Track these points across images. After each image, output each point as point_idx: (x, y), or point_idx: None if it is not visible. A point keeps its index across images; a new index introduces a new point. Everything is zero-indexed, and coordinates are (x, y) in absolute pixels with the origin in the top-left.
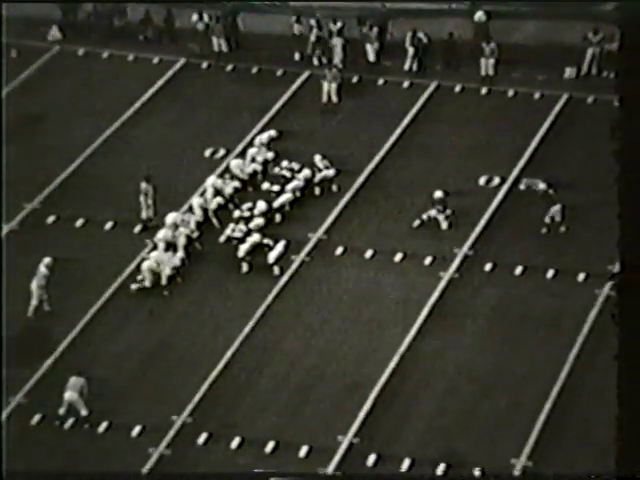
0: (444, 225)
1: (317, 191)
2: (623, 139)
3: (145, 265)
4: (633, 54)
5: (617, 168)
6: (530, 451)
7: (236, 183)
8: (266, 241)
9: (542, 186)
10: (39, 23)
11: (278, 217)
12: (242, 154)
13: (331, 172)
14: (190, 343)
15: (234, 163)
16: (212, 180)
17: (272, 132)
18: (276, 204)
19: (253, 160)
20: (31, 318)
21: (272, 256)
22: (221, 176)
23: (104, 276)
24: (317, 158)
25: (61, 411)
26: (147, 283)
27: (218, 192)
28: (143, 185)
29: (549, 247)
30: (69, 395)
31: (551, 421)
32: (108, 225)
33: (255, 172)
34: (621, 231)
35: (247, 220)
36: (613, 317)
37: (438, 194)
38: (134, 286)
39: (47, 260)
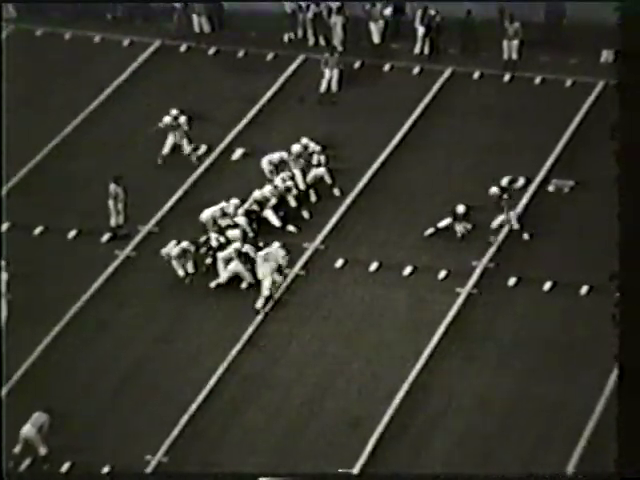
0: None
1: (312, 197)
2: (623, 139)
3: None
4: (633, 54)
5: (617, 168)
6: None
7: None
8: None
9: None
10: None
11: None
12: (227, 152)
13: (321, 170)
14: (167, 370)
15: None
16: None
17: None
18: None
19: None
20: None
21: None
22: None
23: (67, 293)
24: (304, 141)
25: (16, 449)
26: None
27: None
28: (112, 187)
29: (583, 260)
30: (26, 430)
31: (585, 459)
32: (71, 234)
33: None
34: (621, 231)
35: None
36: (613, 317)
37: (461, 209)
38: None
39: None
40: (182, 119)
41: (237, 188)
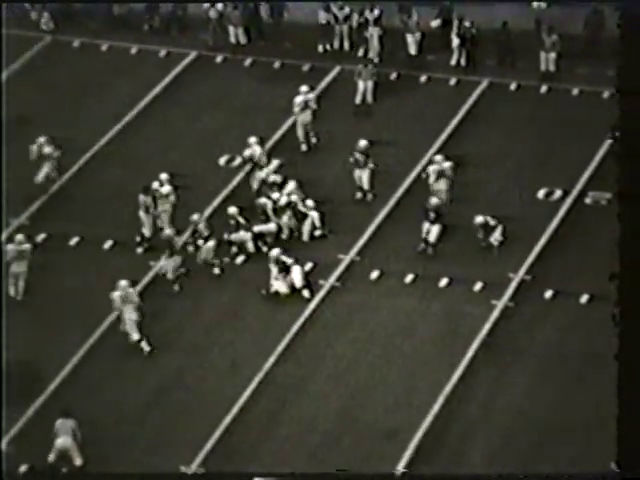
0: (496, 244)
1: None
2: (623, 139)
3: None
4: (633, 53)
5: (617, 168)
6: None
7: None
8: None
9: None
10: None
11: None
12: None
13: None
14: (201, 381)
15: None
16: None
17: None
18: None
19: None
20: (18, 352)
21: (298, 278)
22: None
23: (102, 303)
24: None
25: (51, 458)
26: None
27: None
28: (141, 198)
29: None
30: (62, 441)
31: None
32: (107, 244)
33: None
34: (621, 231)
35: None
36: (613, 317)
37: (479, 219)
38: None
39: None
40: (49, 149)
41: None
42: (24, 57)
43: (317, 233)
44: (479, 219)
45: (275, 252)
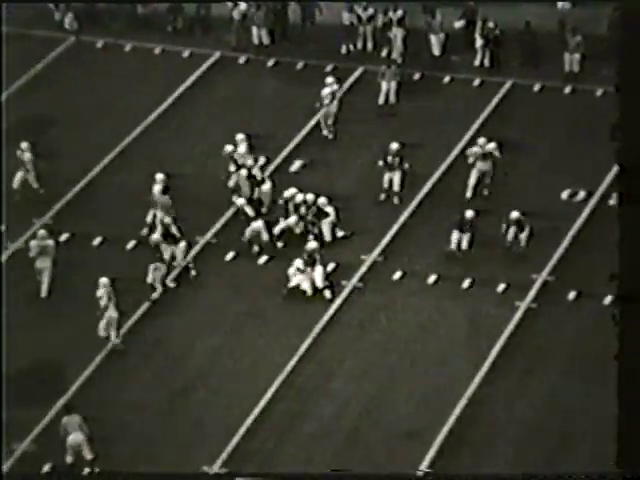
0: (522, 243)
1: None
2: (623, 139)
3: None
4: (633, 53)
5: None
6: None
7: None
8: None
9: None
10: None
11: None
12: (286, 163)
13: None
14: (224, 381)
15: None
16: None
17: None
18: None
19: None
20: (41, 351)
21: (319, 278)
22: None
23: (125, 303)
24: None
25: (69, 459)
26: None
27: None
28: (158, 197)
29: None
30: (74, 437)
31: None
32: (130, 244)
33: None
34: (621, 231)
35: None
36: (613, 317)
37: (515, 214)
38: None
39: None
40: (27, 155)
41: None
42: (48, 58)
43: (340, 234)
44: (514, 215)
45: (313, 244)
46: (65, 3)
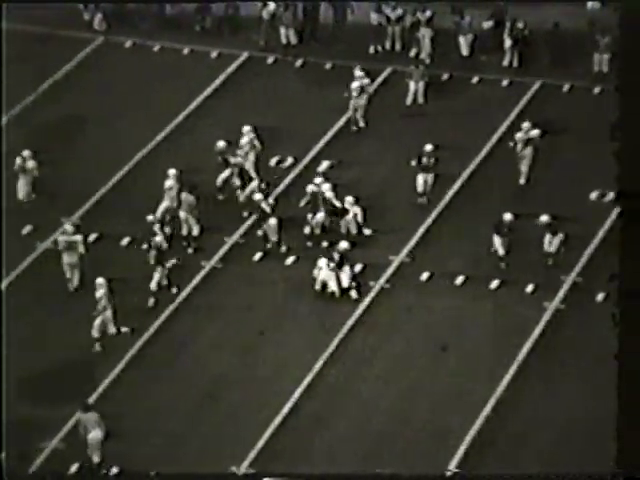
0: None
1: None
2: (623, 138)
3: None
4: (633, 52)
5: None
6: None
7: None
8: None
9: None
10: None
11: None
12: (314, 163)
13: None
14: (252, 381)
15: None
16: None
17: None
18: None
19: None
20: (71, 350)
21: (346, 278)
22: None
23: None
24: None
25: (96, 460)
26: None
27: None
28: (184, 196)
29: None
30: (95, 435)
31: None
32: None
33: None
34: (621, 231)
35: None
36: (613, 317)
37: (544, 218)
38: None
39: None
40: (31, 163)
41: None
42: (77, 57)
43: (367, 232)
44: (544, 218)
45: (345, 244)
46: (94, 3)
